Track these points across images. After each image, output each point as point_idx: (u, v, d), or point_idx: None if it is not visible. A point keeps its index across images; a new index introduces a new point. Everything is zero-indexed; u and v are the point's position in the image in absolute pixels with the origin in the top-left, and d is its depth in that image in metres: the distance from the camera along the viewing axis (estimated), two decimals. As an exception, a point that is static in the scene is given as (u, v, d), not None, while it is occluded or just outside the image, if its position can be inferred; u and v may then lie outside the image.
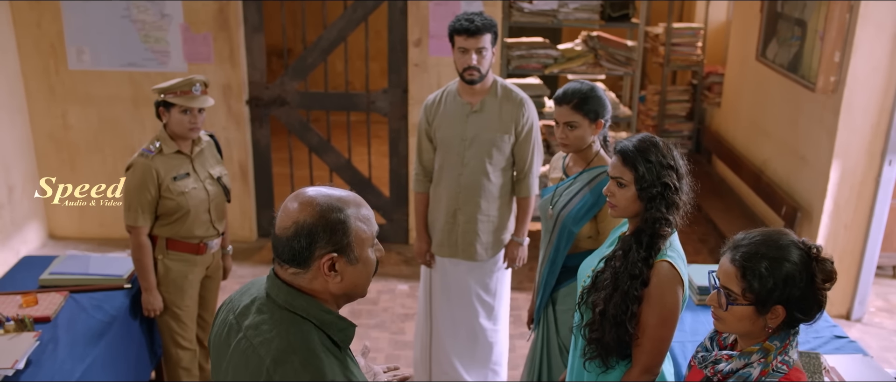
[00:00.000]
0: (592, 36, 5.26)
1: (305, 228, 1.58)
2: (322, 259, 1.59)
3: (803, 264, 1.79)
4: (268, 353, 1.58)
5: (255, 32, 5.36)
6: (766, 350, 1.84)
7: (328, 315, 1.63)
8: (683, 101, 6.90)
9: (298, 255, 1.59)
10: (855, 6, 4.26)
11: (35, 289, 3.35)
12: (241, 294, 1.76)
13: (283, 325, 1.60)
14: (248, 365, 1.61)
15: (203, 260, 3.42)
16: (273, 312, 1.63)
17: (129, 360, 3.31)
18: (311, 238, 1.58)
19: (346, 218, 1.60)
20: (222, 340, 1.72)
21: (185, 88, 3.16)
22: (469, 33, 3.21)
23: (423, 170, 3.60)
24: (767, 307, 1.81)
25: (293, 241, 1.59)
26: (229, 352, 1.67)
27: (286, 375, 1.55)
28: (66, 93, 5.40)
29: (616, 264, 2.24)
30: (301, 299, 1.62)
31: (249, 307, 1.68)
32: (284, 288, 1.63)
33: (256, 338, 1.61)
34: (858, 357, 2.91)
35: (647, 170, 2.19)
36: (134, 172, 3.18)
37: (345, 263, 1.61)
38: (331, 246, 1.59)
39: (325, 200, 1.61)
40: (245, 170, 5.57)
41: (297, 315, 1.61)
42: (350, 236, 1.61)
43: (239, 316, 1.68)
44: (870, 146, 4.47)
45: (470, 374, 3.72)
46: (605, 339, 2.23)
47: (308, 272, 1.61)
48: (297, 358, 1.56)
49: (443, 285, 3.64)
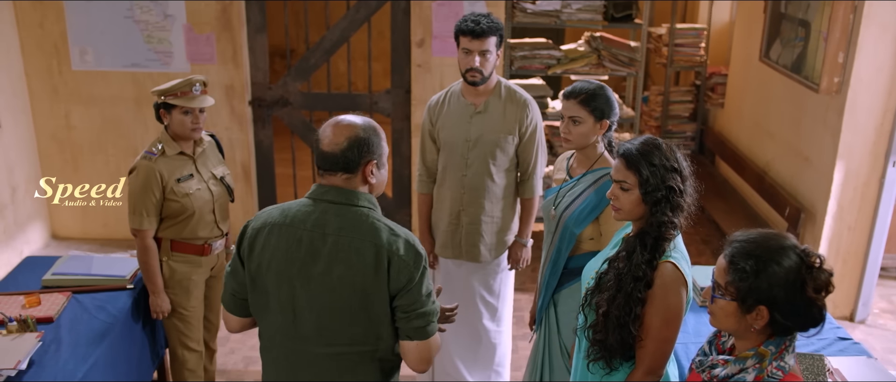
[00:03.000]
0: (595, 36, 5.25)
1: (357, 142, 2.09)
2: (367, 165, 2.11)
3: (794, 269, 1.78)
4: (371, 235, 2.07)
5: (257, 33, 5.36)
6: (762, 355, 1.85)
7: (372, 198, 2.16)
8: (687, 102, 6.89)
9: (351, 163, 2.09)
10: (859, 6, 4.25)
11: (38, 290, 3.35)
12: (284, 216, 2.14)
13: (355, 214, 2.10)
14: (359, 251, 2.06)
15: (208, 261, 3.41)
16: (348, 212, 2.10)
17: (131, 361, 3.31)
18: (360, 149, 2.09)
19: (380, 136, 2.15)
20: (299, 254, 2.09)
21: (184, 89, 3.16)
22: (473, 35, 3.20)
23: (427, 171, 3.59)
24: (749, 305, 1.81)
25: (347, 152, 2.08)
26: (322, 259, 2.08)
27: (398, 245, 2.07)
28: (70, 93, 5.41)
29: (619, 265, 2.24)
30: (361, 196, 2.13)
31: (314, 218, 2.11)
32: (345, 191, 2.12)
33: (351, 232, 2.08)
34: (862, 358, 2.91)
35: (651, 173, 2.18)
36: (137, 175, 3.17)
37: (377, 168, 2.15)
38: (371, 155, 2.12)
39: (365, 123, 2.14)
40: (248, 171, 5.57)
41: (366, 208, 2.12)
42: (382, 148, 2.15)
43: (311, 228, 2.10)
44: (874, 147, 4.46)
45: (473, 375, 3.72)
46: (609, 341, 2.22)
47: (356, 176, 2.12)
48: (394, 232, 2.09)
49: (446, 286, 3.63)
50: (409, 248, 2.08)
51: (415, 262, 2.08)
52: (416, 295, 2.09)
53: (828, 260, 1.81)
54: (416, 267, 2.08)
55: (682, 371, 2.73)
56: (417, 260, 2.09)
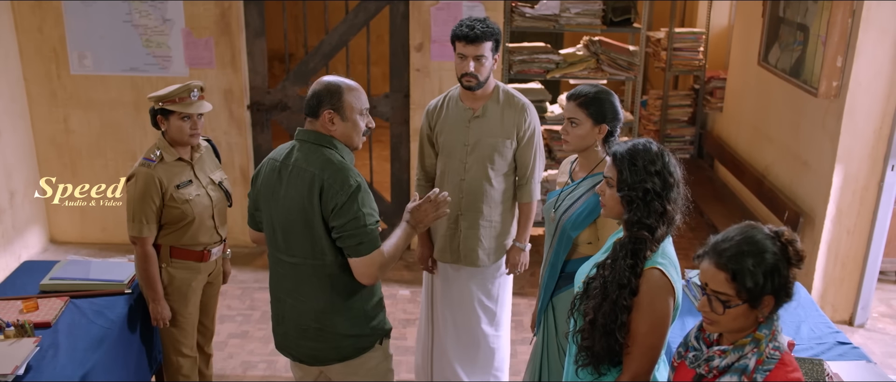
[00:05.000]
0: (594, 40, 5.25)
1: (315, 94, 2.58)
2: (324, 113, 2.56)
3: (781, 251, 1.90)
4: (314, 166, 2.53)
5: (256, 37, 5.36)
6: (758, 339, 1.94)
7: (337, 143, 2.59)
8: (685, 106, 6.89)
9: (312, 110, 2.58)
10: (857, 10, 4.25)
11: (36, 295, 3.34)
12: (277, 153, 2.67)
13: (317, 151, 2.57)
14: (302, 178, 2.54)
15: (206, 267, 3.41)
16: (306, 147, 2.59)
17: (128, 366, 3.30)
18: (320, 99, 2.56)
19: (341, 92, 2.57)
20: (274, 180, 2.62)
21: (182, 95, 3.15)
22: (468, 40, 3.20)
23: (425, 175, 3.59)
24: (760, 300, 1.91)
25: (310, 100, 2.58)
26: (283, 184, 2.59)
27: (330, 173, 2.51)
28: (68, 97, 5.40)
29: (605, 273, 2.24)
30: (320, 136, 2.58)
31: (289, 153, 2.62)
32: (309, 133, 2.60)
33: (302, 163, 2.56)
34: (862, 363, 2.91)
35: (630, 173, 2.21)
36: (136, 182, 3.15)
37: (339, 119, 2.58)
38: (329, 105, 2.55)
39: (332, 80, 2.59)
40: (246, 175, 5.57)
41: (320, 145, 2.57)
42: (342, 102, 2.56)
43: (283, 160, 2.61)
44: (872, 151, 4.46)
45: (471, 379, 3.71)
46: (596, 348, 2.23)
47: (318, 121, 2.58)
48: (332, 164, 2.53)
49: (445, 290, 3.63)
50: (337, 177, 2.50)
51: (341, 189, 2.49)
52: (349, 216, 2.49)
53: (827, 264, 1.87)
54: (343, 194, 2.48)
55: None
56: (343, 187, 2.49)
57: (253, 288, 5.08)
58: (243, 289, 5.04)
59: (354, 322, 2.67)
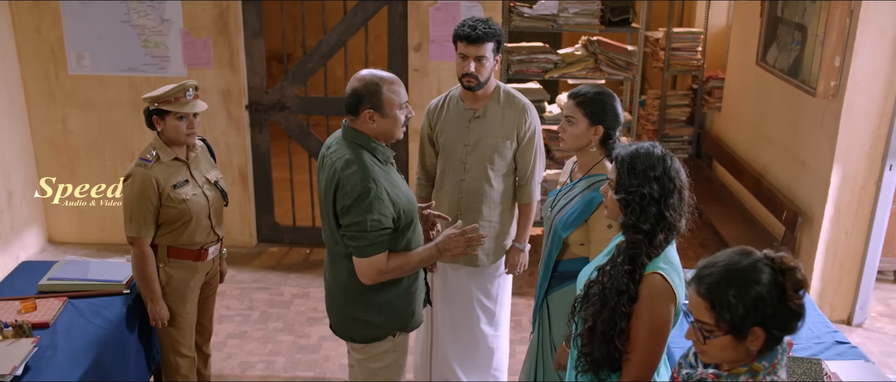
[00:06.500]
0: (593, 40, 5.25)
1: (354, 91, 2.63)
2: (364, 112, 2.61)
3: (771, 281, 1.76)
4: (338, 162, 2.62)
5: (254, 37, 5.36)
6: (755, 371, 1.82)
7: (373, 143, 2.67)
8: (684, 106, 6.90)
9: (352, 109, 2.65)
10: (855, 10, 4.26)
11: (34, 295, 3.34)
12: (330, 139, 2.78)
13: (347, 149, 2.65)
14: (329, 172, 2.65)
15: (203, 267, 3.40)
16: (342, 143, 2.68)
17: (127, 366, 3.29)
18: (358, 98, 2.62)
19: (380, 89, 2.61)
20: (320, 165, 2.74)
21: (178, 95, 3.14)
22: (470, 40, 3.20)
23: (426, 175, 3.59)
24: (744, 332, 1.78)
25: (350, 98, 2.63)
26: (322, 171, 2.71)
27: (348, 174, 2.58)
28: (66, 97, 5.40)
29: (604, 278, 2.23)
30: (357, 135, 2.67)
31: (331, 145, 2.72)
32: (348, 129, 2.69)
33: (333, 157, 2.66)
34: (860, 362, 2.91)
35: (628, 176, 2.19)
36: (133, 183, 3.15)
37: (379, 116, 2.63)
38: (368, 104, 2.61)
39: (370, 76, 2.64)
40: (245, 175, 5.57)
41: (355, 143, 2.66)
42: (382, 99, 2.61)
43: (328, 151, 2.72)
44: (871, 150, 4.47)
45: (470, 379, 3.71)
46: (595, 355, 2.22)
47: (358, 119, 2.65)
48: (354, 165, 2.59)
49: (444, 290, 3.63)
50: (351, 179, 2.56)
51: (352, 190, 2.56)
52: (352, 218, 2.58)
53: (825, 264, 1.79)
54: (351, 196, 2.56)
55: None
56: (354, 190, 2.56)
57: (251, 288, 5.07)
58: (242, 290, 5.04)
59: (367, 309, 2.79)
